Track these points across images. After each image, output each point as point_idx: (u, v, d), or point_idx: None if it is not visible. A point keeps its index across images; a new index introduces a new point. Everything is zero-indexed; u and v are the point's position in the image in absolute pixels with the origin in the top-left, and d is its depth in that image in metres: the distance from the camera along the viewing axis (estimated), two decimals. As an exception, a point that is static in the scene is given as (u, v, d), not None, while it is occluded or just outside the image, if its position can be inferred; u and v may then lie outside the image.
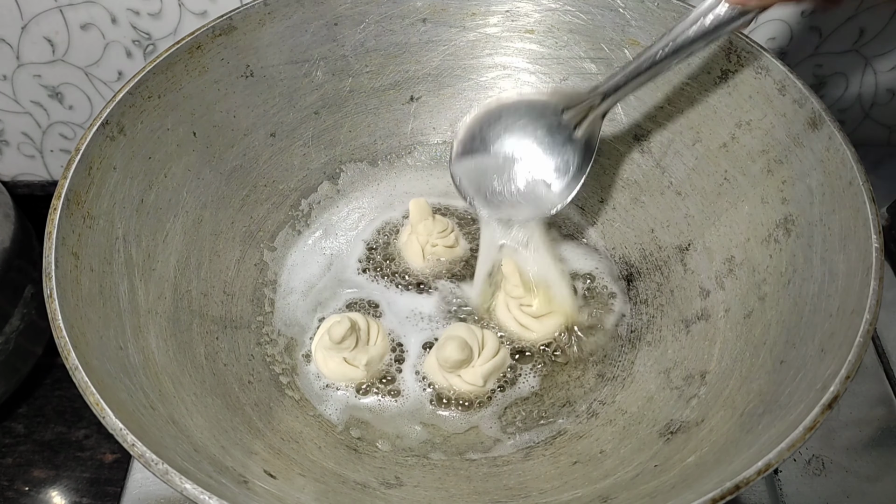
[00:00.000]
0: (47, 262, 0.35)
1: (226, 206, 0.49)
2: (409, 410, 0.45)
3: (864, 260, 0.35)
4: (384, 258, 0.52)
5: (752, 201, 0.44)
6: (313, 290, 0.51)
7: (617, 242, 0.52)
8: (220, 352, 0.44)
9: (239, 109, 0.48)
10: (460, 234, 0.52)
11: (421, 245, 0.51)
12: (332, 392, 0.46)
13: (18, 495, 0.56)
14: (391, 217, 0.54)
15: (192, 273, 0.45)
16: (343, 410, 0.45)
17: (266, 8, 0.47)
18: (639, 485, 0.35)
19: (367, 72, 0.52)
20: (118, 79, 0.61)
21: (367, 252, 0.53)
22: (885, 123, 0.65)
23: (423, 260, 0.51)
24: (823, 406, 0.31)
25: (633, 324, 0.48)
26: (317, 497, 0.36)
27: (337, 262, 0.52)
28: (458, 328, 0.45)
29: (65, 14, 0.56)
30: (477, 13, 0.51)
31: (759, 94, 0.43)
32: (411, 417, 0.45)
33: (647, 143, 0.50)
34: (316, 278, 0.51)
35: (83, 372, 0.32)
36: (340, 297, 0.50)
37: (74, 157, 0.39)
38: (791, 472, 0.51)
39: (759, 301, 0.41)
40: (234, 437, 0.38)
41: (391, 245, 0.53)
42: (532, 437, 0.44)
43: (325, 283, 0.51)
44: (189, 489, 0.30)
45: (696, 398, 0.40)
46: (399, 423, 0.44)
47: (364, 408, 0.45)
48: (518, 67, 0.52)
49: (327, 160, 0.54)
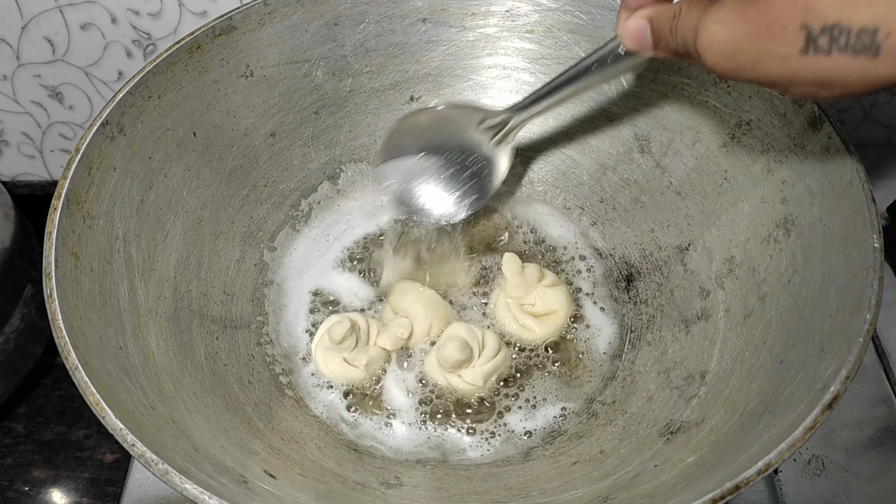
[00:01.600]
0: (47, 262, 0.35)
1: (226, 206, 0.49)
2: (409, 411, 0.45)
3: (864, 260, 0.35)
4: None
5: (752, 201, 0.44)
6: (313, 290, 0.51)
7: (617, 242, 0.52)
8: (220, 352, 0.44)
9: (239, 109, 0.48)
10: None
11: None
12: (333, 392, 0.46)
13: (18, 495, 0.56)
14: (391, 217, 0.54)
15: (192, 273, 0.45)
16: (343, 410, 0.45)
17: (266, 8, 0.47)
18: (639, 485, 0.35)
19: (367, 72, 0.52)
20: (118, 79, 0.61)
21: (367, 252, 0.53)
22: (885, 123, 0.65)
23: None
24: (823, 406, 0.31)
25: (633, 324, 0.48)
26: (317, 497, 0.36)
27: (336, 261, 0.52)
28: (459, 328, 0.45)
29: (65, 14, 0.56)
30: (477, 13, 0.51)
31: (759, 94, 0.43)
32: (411, 417, 0.45)
33: (647, 143, 0.50)
34: (315, 278, 0.51)
35: (83, 372, 0.32)
36: (340, 297, 0.50)
37: (74, 157, 0.39)
38: (791, 472, 0.51)
39: (759, 301, 0.41)
40: (234, 437, 0.38)
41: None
42: (532, 436, 0.44)
43: (323, 282, 0.51)
44: (189, 489, 0.30)
45: (696, 398, 0.40)
46: (399, 423, 0.44)
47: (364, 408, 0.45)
48: (517, 67, 0.52)
49: (327, 160, 0.54)
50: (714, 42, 0.27)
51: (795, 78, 0.26)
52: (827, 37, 0.24)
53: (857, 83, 0.25)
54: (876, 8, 0.23)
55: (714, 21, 0.27)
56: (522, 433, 0.44)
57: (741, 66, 0.26)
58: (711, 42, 0.27)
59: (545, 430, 0.44)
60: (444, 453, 0.43)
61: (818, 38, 0.24)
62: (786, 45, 0.25)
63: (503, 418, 0.45)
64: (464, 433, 0.44)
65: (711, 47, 0.27)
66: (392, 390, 0.46)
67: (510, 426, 0.44)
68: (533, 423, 0.44)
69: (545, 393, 0.45)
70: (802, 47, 0.24)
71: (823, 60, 0.24)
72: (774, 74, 0.26)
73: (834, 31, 0.23)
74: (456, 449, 0.44)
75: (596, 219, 0.53)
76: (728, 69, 0.27)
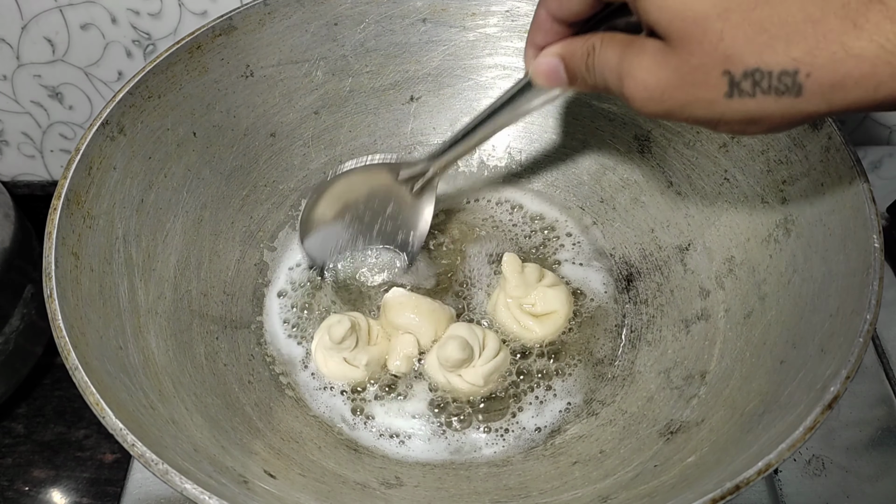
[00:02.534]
0: (47, 262, 0.35)
1: (226, 206, 0.49)
2: (410, 410, 0.45)
3: (864, 260, 0.35)
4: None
5: (752, 201, 0.44)
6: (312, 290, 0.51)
7: (617, 242, 0.52)
8: (220, 352, 0.44)
9: (239, 109, 0.48)
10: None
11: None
12: (332, 392, 0.46)
13: (18, 495, 0.56)
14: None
15: (192, 273, 0.45)
16: (343, 410, 0.45)
17: (266, 8, 0.47)
18: (639, 485, 0.35)
19: (367, 72, 0.52)
20: (118, 79, 0.61)
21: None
22: (885, 123, 0.65)
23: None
24: (823, 406, 0.31)
25: (633, 324, 0.48)
26: (317, 497, 0.36)
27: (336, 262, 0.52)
28: (460, 328, 0.45)
29: (65, 14, 0.56)
30: (477, 13, 0.51)
31: (759, 94, 0.43)
32: (411, 417, 0.45)
33: (647, 143, 0.50)
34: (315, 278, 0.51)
35: (83, 372, 0.32)
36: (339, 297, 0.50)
37: (74, 157, 0.39)
38: (791, 472, 0.51)
39: (759, 301, 0.41)
40: (234, 437, 0.38)
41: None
42: (532, 436, 0.44)
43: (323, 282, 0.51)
44: (189, 489, 0.30)
45: (696, 398, 0.40)
46: (399, 423, 0.44)
47: (364, 407, 0.45)
48: (517, 67, 0.52)
49: (327, 160, 0.54)
50: (640, 88, 0.27)
51: (723, 118, 0.26)
52: (749, 81, 0.24)
53: (782, 120, 0.26)
54: (793, 52, 0.23)
55: (638, 67, 0.27)
56: (533, 429, 0.44)
57: (669, 109, 0.27)
58: (637, 88, 0.27)
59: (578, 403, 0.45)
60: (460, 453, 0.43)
61: (741, 83, 0.25)
62: (710, 90, 0.25)
63: (515, 417, 0.44)
64: (480, 431, 0.44)
65: (639, 93, 0.27)
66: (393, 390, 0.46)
67: (521, 423, 0.44)
68: (542, 420, 0.44)
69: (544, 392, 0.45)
70: (727, 91, 0.25)
71: (748, 102, 0.25)
72: (702, 116, 0.27)
73: (756, 75, 0.24)
74: (473, 448, 0.43)
75: (596, 219, 0.53)
76: (656, 112, 0.27)
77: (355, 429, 0.44)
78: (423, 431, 0.44)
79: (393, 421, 0.44)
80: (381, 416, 0.45)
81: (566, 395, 0.45)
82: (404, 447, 0.43)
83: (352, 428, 0.44)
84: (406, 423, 0.44)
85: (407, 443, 0.43)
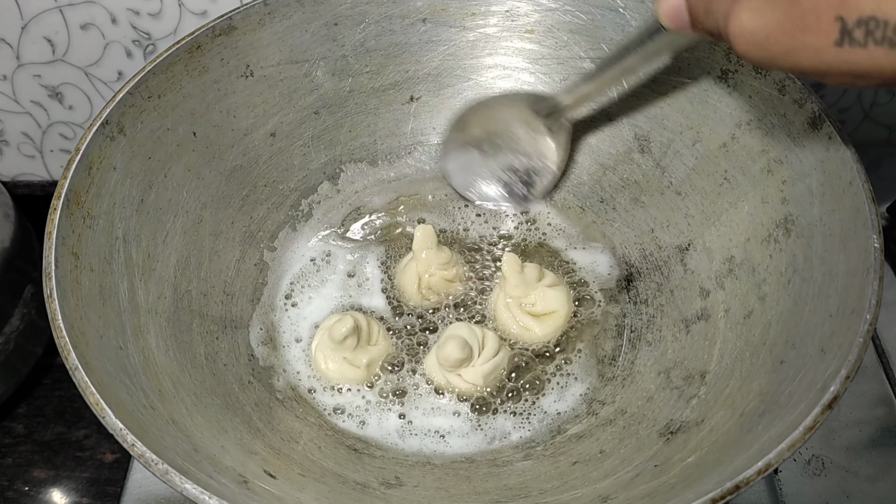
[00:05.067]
0: (47, 262, 0.35)
1: (226, 206, 0.49)
2: (409, 411, 0.45)
3: (864, 260, 0.35)
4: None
5: (752, 201, 0.44)
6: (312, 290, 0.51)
7: (617, 242, 0.52)
8: (220, 352, 0.44)
9: (239, 109, 0.48)
10: (462, 272, 0.50)
11: (419, 274, 0.49)
12: (332, 392, 0.46)
13: (18, 495, 0.56)
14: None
15: (192, 273, 0.45)
16: (343, 410, 0.45)
17: (266, 8, 0.47)
18: (639, 485, 0.35)
19: (367, 72, 0.52)
20: (118, 79, 0.61)
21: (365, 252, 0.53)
22: (885, 123, 0.65)
23: (418, 291, 0.49)
24: (823, 406, 0.31)
25: (633, 324, 0.48)
26: (317, 497, 0.36)
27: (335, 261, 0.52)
28: (459, 327, 0.45)
29: (65, 14, 0.56)
30: (477, 13, 0.51)
31: (759, 94, 0.43)
32: (411, 417, 0.45)
33: (647, 143, 0.50)
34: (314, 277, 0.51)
35: (83, 372, 0.32)
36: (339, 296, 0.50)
37: (74, 157, 0.39)
38: (791, 472, 0.51)
39: (759, 301, 0.41)
40: (234, 437, 0.38)
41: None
42: (532, 436, 0.44)
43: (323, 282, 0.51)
44: (189, 489, 0.30)
45: (696, 398, 0.40)
46: (399, 423, 0.44)
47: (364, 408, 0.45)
48: (518, 67, 0.52)
49: (327, 160, 0.54)
50: (745, 30, 0.26)
51: (830, 70, 0.25)
52: (863, 29, 0.23)
53: (893, 75, 0.24)
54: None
55: (746, 8, 0.26)
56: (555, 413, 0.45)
57: (773, 56, 0.26)
58: (742, 30, 0.26)
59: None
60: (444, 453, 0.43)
61: (853, 31, 0.23)
62: (819, 36, 0.24)
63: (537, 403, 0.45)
64: (508, 415, 0.44)
65: (743, 35, 0.26)
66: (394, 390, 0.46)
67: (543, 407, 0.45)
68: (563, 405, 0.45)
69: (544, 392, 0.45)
70: (837, 39, 0.24)
71: (859, 53, 0.24)
72: (808, 66, 0.25)
73: (870, 23, 0.23)
74: (502, 434, 0.44)
75: (596, 219, 0.53)
76: (760, 58, 0.26)
77: (355, 428, 0.44)
78: (423, 431, 0.44)
79: (393, 420, 0.44)
80: (382, 416, 0.45)
81: (564, 395, 0.45)
82: (404, 446, 0.43)
83: (352, 427, 0.44)
84: (405, 423, 0.44)
85: (407, 441, 0.43)
